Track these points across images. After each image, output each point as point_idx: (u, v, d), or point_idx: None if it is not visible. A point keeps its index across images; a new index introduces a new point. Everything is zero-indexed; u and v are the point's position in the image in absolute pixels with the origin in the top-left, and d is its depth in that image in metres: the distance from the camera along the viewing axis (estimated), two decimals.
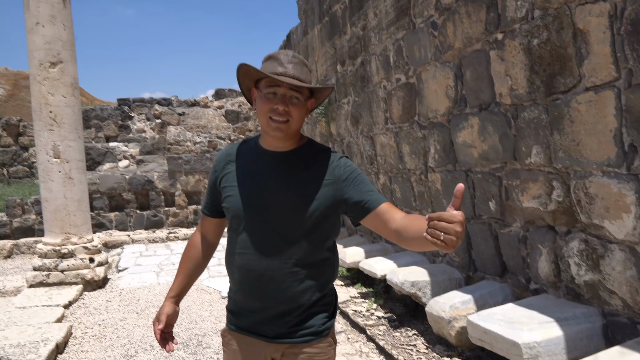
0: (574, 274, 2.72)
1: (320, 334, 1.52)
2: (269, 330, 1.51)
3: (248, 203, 1.48)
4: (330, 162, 1.48)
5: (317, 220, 1.45)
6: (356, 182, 1.46)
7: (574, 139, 2.60)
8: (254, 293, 1.50)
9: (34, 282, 5.56)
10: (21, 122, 16.10)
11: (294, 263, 1.46)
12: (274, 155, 1.50)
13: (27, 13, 5.57)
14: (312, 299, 1.50)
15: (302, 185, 1.46)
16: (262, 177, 1.49)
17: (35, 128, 5.70)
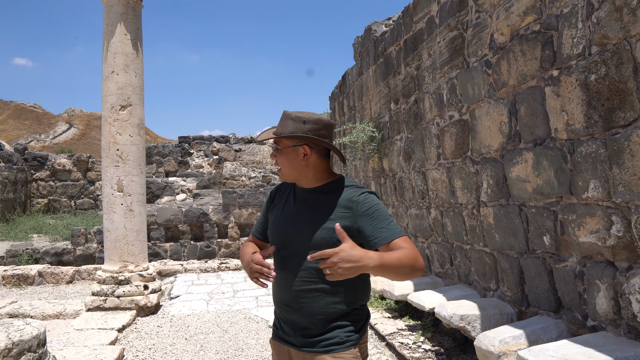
0: (636, 312, 2.62)
1: (342, 344, 1.67)
2: (295, 340, 1.73)
3: (279, 229, 1.80)
4: (351, 196, 1.69)
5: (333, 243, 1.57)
6: (372, 217, 1.64)
7: (634, 172, 2.58)
8: (283, 307, 1.76)
9: (92, 306, 5.85)
10: (90, 159, 17.27)
11: (315, 282, 1.67)
12: (303, 191, 1.80)
13: (105, 63, 6.15)
14: (335, 314, 1.69)
15: (321, 214, 1.69)
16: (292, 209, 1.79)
17: (103, 164, 6.17)
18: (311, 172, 1.75)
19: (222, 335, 5.15)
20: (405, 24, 5.59)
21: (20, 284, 8.08)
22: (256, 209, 10.05)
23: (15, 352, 2.64)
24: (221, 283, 7.84)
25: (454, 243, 4.67)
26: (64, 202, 16.59)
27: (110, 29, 6.11)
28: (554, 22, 3.11)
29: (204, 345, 4.86)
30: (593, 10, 2.76)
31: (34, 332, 2.80)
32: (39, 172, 16.46)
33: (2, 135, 37.71)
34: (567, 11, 2.97)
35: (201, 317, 5.92)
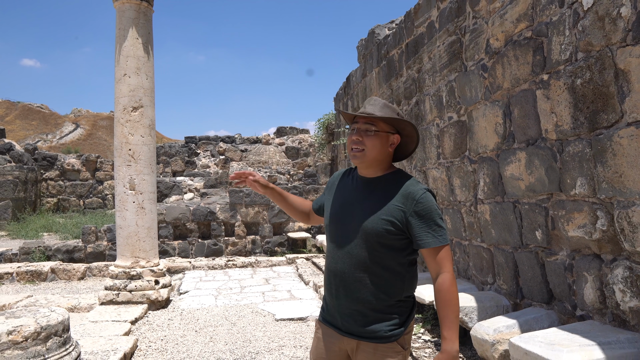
0: (619, 301, 2.81)
1: (385, 339, 1.70)
2: (341, 325, 1.78)
3: (334, 216, 1.83)
4: (409, 191, 1.70)
5: (381, 234, 1.68)
6: (424, 218, 1.67)
7: (616, 170, 2.77)
8: (331, 291, 1.81)
9: (105, 300, 6.08)
10: (99, 159, 17.56)
11: (362, 270, 1.72)
12: (362, 180, 1.82)
13: (117, 66, 6.38)
14: (379, 304, 1.71)
15: (376, 205, 1.72)
16: (349, 196, 1.82)
17: (116, 163, 6.40)
18: (386, 160, 1.79)
19: (230, 328, 5.36)
20: (407, 28, 5.79)
21: (34, 280, 8.33)
22: (262, 208, 10.27)
23: (43, 335, 2.86)
24: (229, 279, 8.06)
25: (453, 239, 4.86)
26: (73, 201, 16.88)
27: (123, 33, 6.33)
28: (544, 29, 3.30)
29: (213, 337, 5.07)
30: (579, 19, 2.96)
31: (59, 318, 3.01)
32: (49, 171, 16.75)
33: (10, 136, 38.14)
34: (556, 19, 3.17)
35: (210, 311, 6.14)
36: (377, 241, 1.70)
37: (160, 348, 4.76)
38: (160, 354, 4.61)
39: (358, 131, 1.74)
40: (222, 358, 4.45)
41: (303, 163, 14.77)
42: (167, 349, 4.73)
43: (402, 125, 1.78)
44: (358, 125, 1.75)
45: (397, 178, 1.76)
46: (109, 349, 4.26)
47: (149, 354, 4.60)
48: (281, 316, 5.49)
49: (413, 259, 1.78)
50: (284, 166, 13.98)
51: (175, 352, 4.64)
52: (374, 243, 1.70)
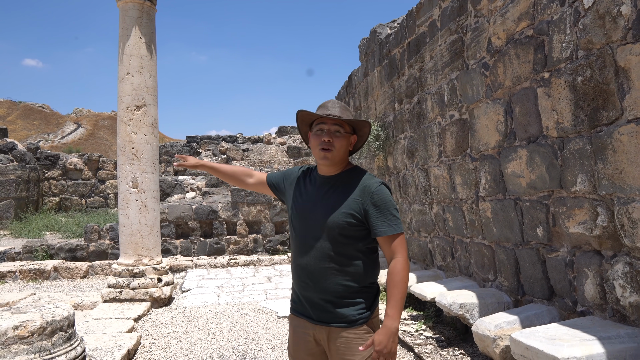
0: (619, 296, 2.84)
1: (354, 322, 1.85)
2: (312, 314, 1.91)
3: (299, 213, 1.96)
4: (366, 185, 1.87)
5: (342, 227, 1.84)
6: (380, 208, 1.84)
7: (616, 167, 2.79)
8: (300, 282, 1.94)
9: (108, 297, 6.12)
10: (101, 158, 17.60)
11: (328, 260, 1.86)
12: (322, 178, 1.97)
13: (120, 65, 6.42)
14: (346, 291, 1.85)
15: (337, 200, 1.88)
16: (312, 194, 1.96)
17: (119, 162, 6.43)
18: (345, 159, 1.96)
19: (233, 325, 5.39)
20: (408, 27, 5.81)
21: (37, 278, 8.37)
22: (264, 207, 10.30)
23: (49, 330, 2.89)
24: (231, 278, 8.10)
25: (455, 237, 4.89)
26: (75, 200, 16.92)
27: (126, 33, 6.37)
28: (545, 28, 3.33)
29: (216, 334, 5.10)
30: (579, 17, 2.98)
31: (65, 313, 3.05)
32: (51, 171, 16.80)
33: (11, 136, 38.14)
34: (557, 17, 3.19)
35: (212, 308, 6.17)
36: (340, 233, 1.84)
37: (163, 345, 4.79)
38: (163, 350, 4.64)
39: (328, 132, 1.87)
40: (225, 355, 4.48)
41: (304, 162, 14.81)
42: (170, 346, 4.76)
43: (361, 126, 1.95)
44: (326, 126, 1.88)
45: (354, 174, 1.93)
46: (112, 345, 4.30)
47: (152, 350, 4.63)
48: (283, 313, 5.52)
49: (373, 247, 1.94)
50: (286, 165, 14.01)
51: (179, 349, 4.67)
52: (337, 235, 1.84)
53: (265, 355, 4.47)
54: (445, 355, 3.68)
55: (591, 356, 2.58)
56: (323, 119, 1.89)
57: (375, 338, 1.79)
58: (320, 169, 1.97)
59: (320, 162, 1.91)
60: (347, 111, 1.92)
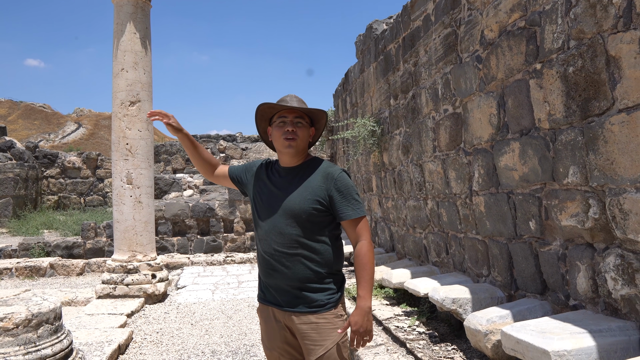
0: (611, 289, 2.80)
1: (324, 307, 1.92)
2: (281, 301, 1.97)
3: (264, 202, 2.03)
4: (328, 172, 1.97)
5: (310, 213, 1.92)
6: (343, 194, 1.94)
7: (608, 158, 2.75)
8: (268, 271, 1.98)
9: (102, 293, 6.10)
10: (99, 156, 17.59)
11: (296, 247, 1.92)
12: (286, 169, 2.05)
13: (115, 61, 6.40)
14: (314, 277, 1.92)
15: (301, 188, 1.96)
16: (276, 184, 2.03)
17: (113, 158, 6.42)
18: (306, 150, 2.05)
19: (226, 321, 5.37)
20: (403, 22, 5.78)
21: (33, 275, 8.35)
22: None
23: (35, 322, 2.86)
24: (226, 275, 8.07)
25: (449, 232, 4.85)
26: (74, 199, 16.91)
27: (120, 28, 6.35)
28: (537, 19, 3.29)
29: (209, 330, 5.08)
30: (571, 7, 2.95)
31: (51, 306, 3.02)
32: (50, 169, 16.79)
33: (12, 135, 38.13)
34: (549, 8, 3.16)
35: (206, 305, 6.14)
36: (307, 219, 1.92)
37: (155, 340, 4.77)
38: (155, 346, 4.61)
39: (291, 123, 1.97)
40: (217, 350, 4.45)
41: None
42: (163, 342, 4.74)
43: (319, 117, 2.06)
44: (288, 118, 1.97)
45: (314, 163, 2.02)
46: (103, 340, 4.27)
47: (144, 346, 4.60)
48: None
49: (337, 233, 2.03)
50: None
51: (171, 345, 4.65)
52: (305, 221, 1.92)
53: (257, 351, 4.44)
54: (437, 350, 3.64)
55: (581, 349, 2.55)
56: (284, 112, 1.97)
57: (352, 319, 1.87)
58: (283, 160, 2.05)
59: (284, 151, 1.98)
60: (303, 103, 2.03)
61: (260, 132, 2.14)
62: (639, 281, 2.61)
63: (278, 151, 2.03)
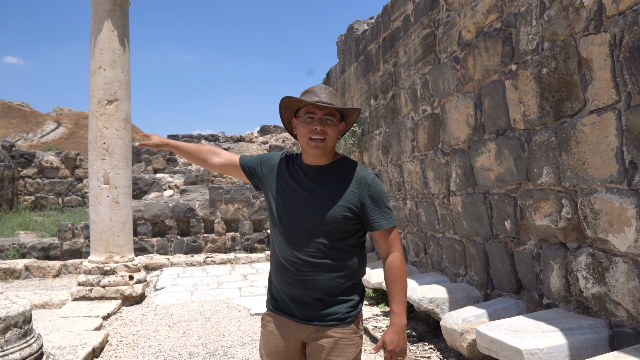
0: (582, 287, 2.84)
1: (343, 321, 1.76)
2: (299, 312, 1.78)
3: (286, 204, 1.81)
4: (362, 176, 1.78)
5: (340, 221, 1.73)
6: (377, 202, 1.77)
7: (580, 158, 2.79)
8: (287, 279, 1.79)
9: (78, 296, 5.98)
10: (78, 156, 17.28)
11: (321, 256, 1.74)
12: (312, 168, 1.82)
13: (92, 59, 6.29)
14: (337, 288, 1.76)
15: (332, 193, 1.76)
16: (300, 185, 1.81)
17: (90, 157, 6.31)
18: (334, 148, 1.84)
19: (204, 323, 5.31)
20: (384, 23, 5.79)
21: (7, 278, 8.16)
22: (242, 205, 10.20)
23: (2, 327, 2.78)
24: (206, 276, 7.99)
25: (427, 232, 4.87)
26: (52, 199, 16.60)
27: (98, 26, 6.24)
28: (512, 20, 3.32)
29: (186, 332, 5.01)
30: (545, 9, 2.98)
31: (20, 309, 2.94)
32: (26, 169, 16.45)
33: None
34: (524, 10, 3.19)
35: (185, 306, 6.07)
36: (336, 228, 1.74)
37: (131, 343, 4.69)
38: (131, 348, 4.54)
39: (319, 121, 1.74)
40: (194, 352, 4.39)
41: None
42: (139, 344, 4.66)
43: (351, 112, 1.83)
44: (317, 115, 1.74)
45: (345, 164, 1.82)
46: (77, 343, 4.18)
47: (119, 348, 4.52)
48: (256, 310, 5.45)
49: (363, 241, 1.85)
50: None
51: (147, 347, 4.58)
52: (333, 230, 1.74)
53: (235, 352, 4.39)
54: (414, 350, 3.65)
55: (553, 347, 2.58)
56: (313, 107, 1.74)
57: (387, 338, 1.73)
58: (307, 158, 1.83)
59: (311, 152, 1.77)
60: (335, 97, 1.80)
61: (284, 122, 1.90)
62: (608, 280, 2.65)
63: (303, 149, 1.83)
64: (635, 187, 2.47)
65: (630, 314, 2.54)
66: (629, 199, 2.49)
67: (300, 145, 1.81)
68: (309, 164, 1.83)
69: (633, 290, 2.51)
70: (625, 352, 2.31)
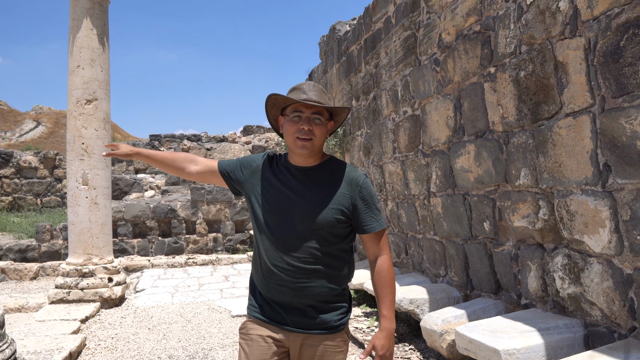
0: (559, 288, 2.88)
1: (336, 329, 1.71)
2: (290, 320, 1.70)
3: (273, 208, 1.71)
4: (353, 177, 1.72)
5: (332, 224, 1.66)
6: (368, 204, 1.71)
7: (556, 160, 2.83)
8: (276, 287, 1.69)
9: (55, 299, 5.87)
10: (57, 156, 16.97)
11: (314, 261, 1.66)
12: (300, 169, 1.73)
13: (71, 57, 6.18)
14: (330, 295, 1.70)
15: (323, 195, 1.69)
16: (288, 187, 1.72)
17: (68, 158, 6.20)
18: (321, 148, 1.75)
19: (185, 325, 5.26)
20: (365, 24, 5.81)
21: None
22: (224, 205, 10.13)
23: None
24: (187, 277, 7.92)
25: (408, 233, 4.90)
26: (30, 199, 16.28)
27: (76, 24, 6.13)
28: (491, 23, 3.36)
29: (166, 334, 4.96)
30: (522, 13, 3.01)
31: None
32: (3, 169, 16.10)
33: None
34: (502, 13, 3.22)
35: (165, 308, 6.01)
36: (329, 231, 1.67)
37: (110, 346, 4.62)
38: (109, 352, 4.47)
39: (307, 120, 1.66)
40: (174, 355, 4.35)
41: None
42: (118, 347, 4.59)
43: (340, 111, 1.75)
44: (305, 113, 1.66)
45: (334, 165, 1.76)
46: (53, 348, 4.10)
47: (97, 352, 4.45)
48: (238, 312, 5.42)
49: (352, 245, 1.81)
50: None
51: (126, 350, 4.51)
52: (326, 233, 1.67)
53: (215, 355, 4.36)
54: (394, 351, 3.67)
55: (530, 347, 2.61)
56: (301, 105, 1.67)
57: (377, 343, 1.68)
58: (294, 158, 1.75)
59: (297, 151, 1.69)
60: (324, 94, 1.72)
61: (270, 120, 1.82)
62: (583, 280, 2.70)
63: (289, 149, 1.75)
64: (609, 189, 2.51)
65: (604, 314, 2.59)
66: (603, 200, 2.53)
67: (287, 145, 1.74)
68: (296, 164, 1.75)
69: (607, 290, 2.55)
70: (599, 351, 2.35)
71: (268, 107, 1.77)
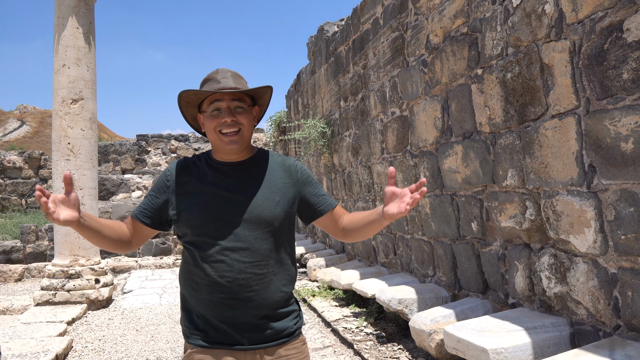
0: (545, 287, 2.92)
1: (294, 334, 1.56)
2: (243, 338, 1.49)
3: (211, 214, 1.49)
4: (286, 165, 1.59)
5: (281, 218, 1.52)
6: (313, 184, 1.60)
7: (542, 161, 2.87)
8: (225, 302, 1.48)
9: (41, 300, 5.80)
10: (43, 156, 16.75)
11: (266, 264, 1.49)
12: (232, 166, 1.55)
13: (56, 56, 6.11)
14: (282, 299, 1.53)
15: (264, 189, 1.52)
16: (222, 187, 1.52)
17: (54, 158, 6.13)
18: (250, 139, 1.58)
19: (173, 326, 5.23)
20: (353, 25, 5.82)
21: None
22: None
23: None
24: (175, 278, 7.87)
25: (397, 233, 4.92)
26: (14, 200, 16.04)
27: (62, 22, 6.06)
28: (478, 25, 3.39)
29: (154, 336, 4.93)
30: (509, 15, 3.05)
31: None
32: None
33: None
34: (489, 15, 3.25)
35: (153, 309, 5.97)
36: (279, 227, 1.52)
37: (97, 348, 4.58)
38: (96, 354, 4.43)
39: (229, 111, 1.48)
40: (162, 357, 4.32)
41: None
42: (105, 349, 4.56)
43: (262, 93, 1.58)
44: (224, 103, 1.48)
45: (265, 155, 1.61)
46: (39, 350, 4.06)
47: (84, 354, 4.41)
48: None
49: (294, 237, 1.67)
50: None
51: (113, 352, 4.48)
52: (275, 229, 1.52)
53: None
54: (384, 351, 3.68)
55: (517, 346, 2.64)
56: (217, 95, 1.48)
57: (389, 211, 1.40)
58: (220, 155, 1.57)
59: (226, 149, 1.52)
60: (240, 78, 1.55)
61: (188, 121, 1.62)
62: (569, 279, 2.73)
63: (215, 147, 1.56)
64: (594, 189, 2.55)
65: (589, 312, 2.62)
66: (589, 201, 2.57)
67: (211, 144, 1.55)
68: (225, 161, 1.56)
69: (592, 289, 2.59)
70: (584, 350, 2.38)
71: (182, 107, 1.58)
